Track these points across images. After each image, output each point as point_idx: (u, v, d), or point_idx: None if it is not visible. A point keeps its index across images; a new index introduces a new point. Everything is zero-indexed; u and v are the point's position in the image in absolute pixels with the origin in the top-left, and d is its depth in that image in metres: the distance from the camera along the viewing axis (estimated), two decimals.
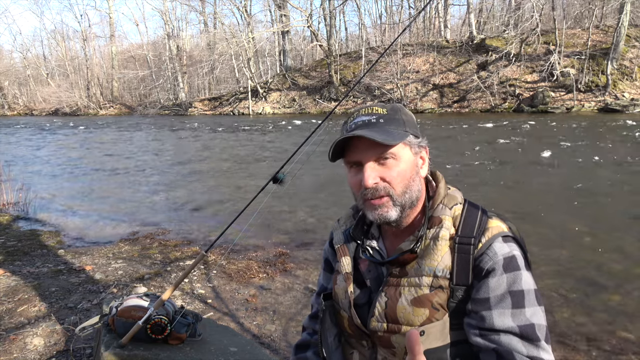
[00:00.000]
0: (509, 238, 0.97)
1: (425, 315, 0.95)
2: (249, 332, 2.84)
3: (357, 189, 1.01)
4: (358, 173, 0.99)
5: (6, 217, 5.73)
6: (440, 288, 0.95)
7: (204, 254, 1.84)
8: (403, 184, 0.98)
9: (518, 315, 0.89)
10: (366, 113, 1.01)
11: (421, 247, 0.98)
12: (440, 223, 0.99)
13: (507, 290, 0.91)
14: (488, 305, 0.91)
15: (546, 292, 3.37)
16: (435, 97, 25.07)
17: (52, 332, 2.61)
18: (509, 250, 0.94)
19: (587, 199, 6.08)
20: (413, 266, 0.99)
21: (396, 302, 0.98)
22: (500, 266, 0.92)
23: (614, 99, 20.17)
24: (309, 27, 31.27)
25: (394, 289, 1.00)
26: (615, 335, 2.79)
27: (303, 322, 1.34)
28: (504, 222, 1.00)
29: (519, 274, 0.92)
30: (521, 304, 0.90)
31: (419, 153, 1.03)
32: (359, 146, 0.97)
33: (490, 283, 0.92)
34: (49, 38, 54.77)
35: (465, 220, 0.99)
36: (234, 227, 1.96)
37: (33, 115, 43.27)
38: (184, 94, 39.07)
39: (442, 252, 0.96)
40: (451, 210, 1.01)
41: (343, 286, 1.09)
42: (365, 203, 1.00)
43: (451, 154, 10.11)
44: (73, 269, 3.75)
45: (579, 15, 28.66)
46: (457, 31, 34.39)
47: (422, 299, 0.95)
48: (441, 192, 1.04)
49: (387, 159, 0.97)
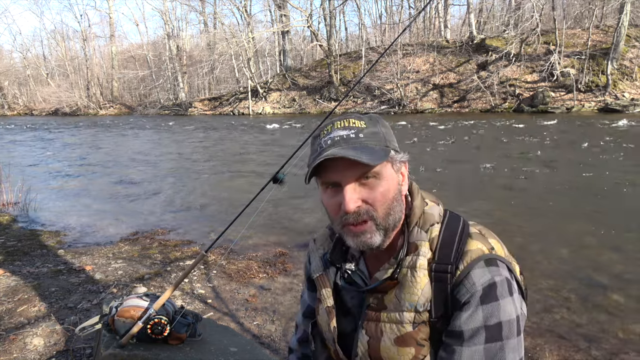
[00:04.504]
0: (491, 261, 0.88)
1: (411, 354, 0.89)
2: (249, 332, 2.84)
3: (335, 212, 0.91)
4: (335, 195, 0.89)
5: (6, 217, 5.73)
6: (423, 323, 0.89)
7: (204, 254, 1.83)
8: (386, 205, 0.89)
9: (489, 352, 0.84)
10: (342, 126, 0.90)
11: (400, 276, 0.91)
12: (417, 250, 0.91)
13: (482, 325, 0.84)
14: (461, 339, 0.85)
15: (546, 292, 3.37)
16: (435, 97, 25.08)
17: (52, 332, 2.61)
18: (489, 277, 0.86)
19: (587, 198, 6.08)
20: (392, 300, 0.92)
21: (379, 342, 0.92)
22: (478, 298, 0.85)
23: (614, 99, 20.17)
24: (309, 27, 31.28)
25: (374, 324, 0.94)
26: (615, 335, 2.79)
27: (290, 343, 1.28)
28: (485, 240, 0.92)
29: (496, 305, 0.84)
30: (496, 337, 0.84)
31: (400, 169, 0.94)
32: (336, 165, 0.86)
33: (464, 317, 0.85)
34: (48, 38, 54.85)
35: (442, 243, 0.91)
36: (234, 227, 1.96)
37: (33, 115, 43.28)
38: (184, 94, 39.09)
39: (422, 284, 0.89)
40: (427, 233, 0.92)
41: (326, 319, 1.03)
42: (345, 228, 0.90)
43: (451, 154, 10.12)
44: (73, 269, 3.75)
45: (579, 15, 28.67)
46: (457, 31, 34.40)
47: (406, 338, 0.89)
48: (417, 212, 0.95)
49: (368, 179, 0.87)
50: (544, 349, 2.64)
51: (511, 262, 0.93)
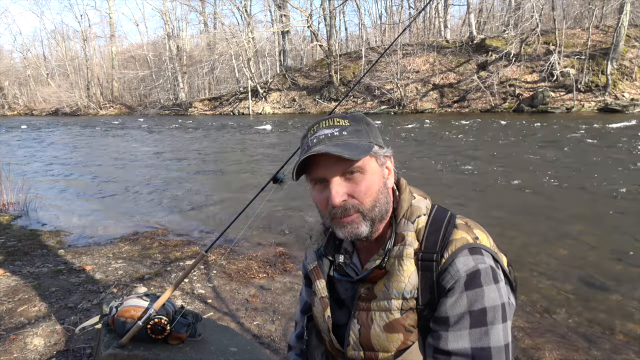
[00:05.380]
0: (476, 250, 0.91)
1: (399, 340, 0.93)
2: (249, 332, 2.84)
3: (324, 207, 0.96)
4: (324, 190, 0.95)
5: (6, 217, 5.73)
6: (411, 310, 0.93)
7: (204, 254, 1.84)
8: (371, 197, 0.94)
9: (473, 336, 0.87)
10: (327, 125, 0.96)
11: (388, 265, 0.95)
12: (403, 240, 0.95)
13: (466, 310, 0.87)
14: (446, 325, 0.89)
15: (546, 292, 3.37)
16: (435, 97, 25.09)
17: (52, 332, 2.61)
18: (473, 265, 0.89)
19: (587, 198, 6.08)
20: (381, 288, 0.96)
21: (369, 329, 0.96)
22: (462, 284, 0.88)
23: (614, 99, 20.18)
24: (309, 27, 31.30)
25: (365, 313, 0.98)
26: (615, 335, 2.79)
27: (289, 341, 1.32)
28: (470, 231, 0.95)
29: (481, 291, 0.87)
30: (481, 322, 0.87)
31: (385, 163, 0.99)
32: (322, 162, 0.92)
33: (449, 302, 0.89)
34: (49, 38, 54.95)
35: (428, 233, 0.95)
36: (234, 227, 1.96)
37: (33, 115, 43.28)
38: (184, 94, 39.10)
39: (409, 272, 0.92)
40: (414, 224, 0.96)
41: (320, 310, 1.07)
42: (334, 221, 0.95)
43: (451, 154, 10.12)
44: (73, 269, 3.75)
45: (578, 15, 28.68)
46: (457, 31, 34.40)
47: (395, 324, 0.93)
48: (404, 205, 1.00)
49: (353, 174, 0.93)
50: (544, 349, 2.64)
51: (497, 252, 0.96)
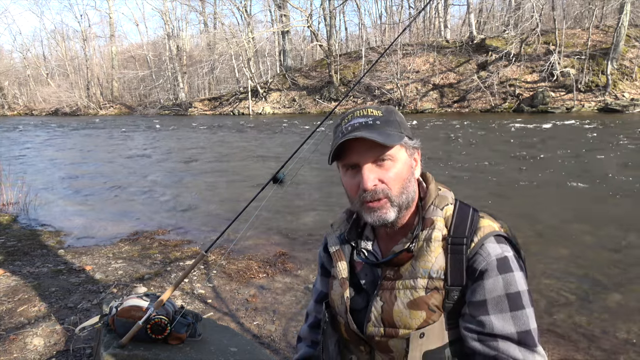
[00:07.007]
0: (501, 238, 0.97)
1: (422, 317, 0.95)
2: (249, 332, 2.84)
3: (354, 191, 1.00)
4: (355, 175, 0.99)
5: (6, 217, 5.73)
6: (436, 289, 0.95)
7: (204, 254, 1.84)
8: (400, 185, 0.99)
9: (516, 319, 0.90)
10: (362, 115, 1.00)
11: (416, 248, 0.98)
12: (433, 224, 0.99)
13: (504, 293, 0.91)
14: (485, 309, 0.92)
15: (546, 292, 3.37)
16: (435, 97, 25.07)
17: (52, 332, 2.61)
18: (501, 252, 0.94)
19: (587, 198, 6.08)
20: (407, 268, 0.99)
21: (392, 306, 0.98)
22: (495, 267, 0.92)
23: (614, 99, 20.16)
24: (309, 27, 31.28)
25: (389, 292, 1.00)
26: (615, 335, 2.79)
27: (300, 332, 1.33)
28: (495, 221, 1.01)
29: (512, 275, 0.92)
30: (519, 305, 0.91)
31: (413, 154, 1.04)
32: (356, 148, 0.97)
33: (486, 285, 0.92)
34: (49, 38, 54.82)
35: (457, 220, 0.99)
36: (233, 227, 1.96)
37: (33, 115, 43.26)
38: (184, 94, 39.07)
39: (436, 254, 0.96)
40: (442, 210, 1.01)
41: (339, 291, 1.09)
42: (364, 205, 0.99)
43: (450, 153, 10.12)
44: (73, 269, 3.75)
45: (579, 15, 28.66)
46: (457, 31, 34.37)
47: (418, 302, 0.96)
48: (432, 194, 1.05)
49: (384, 161, 0.97)
50: (544, 348, 2.63)
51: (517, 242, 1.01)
